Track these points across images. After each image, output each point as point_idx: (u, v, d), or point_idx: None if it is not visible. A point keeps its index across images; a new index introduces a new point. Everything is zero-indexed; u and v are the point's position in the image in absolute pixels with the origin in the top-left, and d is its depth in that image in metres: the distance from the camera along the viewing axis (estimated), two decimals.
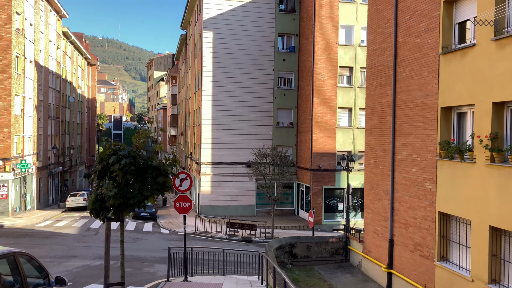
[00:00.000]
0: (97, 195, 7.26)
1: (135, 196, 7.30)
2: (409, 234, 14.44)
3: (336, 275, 17.34)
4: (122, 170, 7.11)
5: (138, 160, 7.34)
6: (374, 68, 17.06)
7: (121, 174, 7.16)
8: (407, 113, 14.63)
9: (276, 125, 35.63)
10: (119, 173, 7.15)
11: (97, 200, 7.22)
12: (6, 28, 30.91)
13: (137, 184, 7.44)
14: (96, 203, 7.22)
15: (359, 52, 32.93)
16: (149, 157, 7.67)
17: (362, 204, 33.80)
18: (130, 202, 7.31)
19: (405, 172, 14.75)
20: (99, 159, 7.46)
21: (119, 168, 7.09)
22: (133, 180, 7.47)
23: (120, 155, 7.21)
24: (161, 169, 7.51)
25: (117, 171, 7.11)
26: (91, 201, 7.33)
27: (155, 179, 7.45)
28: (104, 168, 7.34)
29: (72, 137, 52.59)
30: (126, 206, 7.40)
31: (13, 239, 23.29)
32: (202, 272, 18.03)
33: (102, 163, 7.34)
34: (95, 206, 7.24)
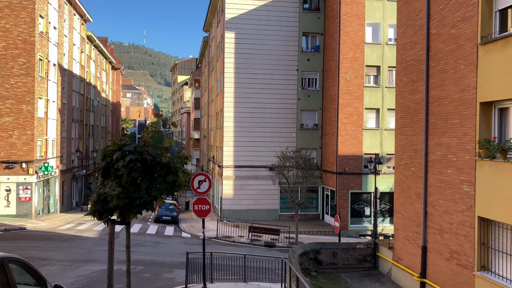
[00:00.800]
0: (99, 194, 6.57)
1: (142, 196, 6.57)
2: (444, 241, 13.31)
3: (364, 284, 16.28)
4: (127, 167, 6.40)
5: (146, 156, 6.61)
6: (405, 63, 16.01)
7: (126, 171, 6.44)
8: (442, 110, 13.54)
9: (300, 127, 34.69)
10: (123, 171, 6.45)
11: (99, 201, 6.53)
12: (30, 31, 31.04)
13: (145, 183, 6.71)
14: (98, 203, 6.52)
15: (386, 51, 31.74)
16: (158, 154, 6.95)
17: (390, 209, 32.48)
18: (136, 203, 6.59)
19: (439, 173, 13.64)
20: (102, 155, 6.78)
21: (123, 165, 6.38)
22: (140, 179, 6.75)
23: (126, 150, 6.50)
24: (170, 167, 6.77)
25: (121, 168, 6.41)
26: (93, 201, 6.64)
27: (164, 177, 6.70)
28: (108, 165, 6.66)
29: (96, 141, 52.86)
30: (132, 207, 6.68)
31: (33, 242, 23.07)
32: (222, 278, 17.27)
33: (105, 160, 6.66)
34: (97, 207, 6.54)
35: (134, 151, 6.54)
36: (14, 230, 26.31)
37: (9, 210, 31.00)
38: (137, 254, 21.91)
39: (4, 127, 30.83)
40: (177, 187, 6.90)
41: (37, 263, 18.09)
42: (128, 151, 6.50)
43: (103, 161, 6.75)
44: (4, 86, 30.74)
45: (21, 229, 26.93)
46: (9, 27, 30.75)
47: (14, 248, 21.16)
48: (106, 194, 6.47)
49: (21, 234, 25.25)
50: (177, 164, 6.84)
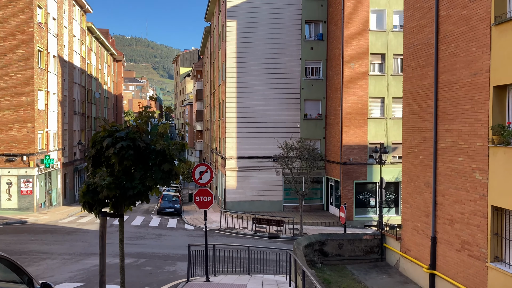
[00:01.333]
0: (88, 185, 6.09)
1: (135, 186, 6.09)
2: (455, 231, 12.83)
3: (371, 276, 15.85)
4: (118, 155, 5.91)
5: (139, 143, 6.11)
6: (412, 48, 15.43)
7: (117, 159, 5.96)
8: (452, 95, 12.99)
9: (303, 117, 34.14)
10: (114, 159, 5.97)
11: (89, 191, 6.05)
12: (28, 22, 30.51)
13: (138, 173, 6.23)
14: (88, 194, 6.05)
15: (391, 38, 31.06)
16: (153, 141, 6.46)
17: (396, 199, 32.02)
18: (129, 194, 6.11)
19: (449, 161, 13.13)
20: (91, 142, 6.30)
21: (114, 152, 5.89)
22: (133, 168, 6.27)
23: (116, 137, 6.02)
24: (166, 155, 6.28)
25: (112, 156, 5.94)
26: (81, 192, 6.18)
27: (159, 166, 6.21)
28: (99, 153, 6.18)
29: None
30: (124, 198, 6.21)
31: (34, 235, 22.76)
32: (226, 271, 16.87)
33: (95, 147, 6.18)
34: (87, 198, 6.07)
35: (126, 137, 6.05)
36: (15, 224, 26.01)
37: (10, 203, 30.70)
38: (140, 246, 21.58)
39: (4, 119, 30.44)
40: (173, 176, 6.42)
41: (37, 257, 17.79)
42: (120, 137, 6.01)
43: (92, 149, 6.27)
44: (3, 78, 30.29)
45: (23, 223, 26.63)
46: (6, 17, 30.23)
47: (15, 241, 20.86)
48: (96, 184, 5.99)
49: (22, 228, 24.95)
50: (173, 152, 6.35)
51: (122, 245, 6.79)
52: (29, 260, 17.22)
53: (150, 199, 6.57)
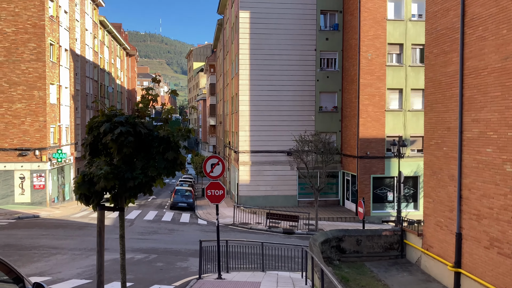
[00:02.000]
0: (84, 175, 5.50)
1: (136, 176, 5.47)
2: (482, 227, 12.02)
3: (391, 274, 15.12)
4: (116, 142, 5.30)
5: (140, 129, 5.50)
6: (435, 33, 14.57)
7: (116, 147, 5.36)
8: (480, 82, 12.14)
9: (318, 110, 33.33)
10: (113, 146, 5.37)
11: (84, 182, 5.46)
12: (40, 15, 30.23)
13: (140, 162, 5.62)
14: (83, 186, 5.46)
15: (409, 27, 30.02)
16: (156, 127, 5.85)
17: (415, 194, 31.10)
18: (129, 185, 5.50)
19: (476, 153, 12.31)
20: (88, 127, 5.72)
21: (112, 139, 5.28)
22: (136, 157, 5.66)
23: (115, 122, 5.42)
24: (170, 142, 5.67)
25: (110, 143, 5.34)
26: (76, 183, 5.60)
27: (163, 154, 5.60)
28: (96, 140, 5.60)
29: None
30: (124, 189, 5.62)
31: (46, 230, 22.49)
32: (239, 267, 16.29)
33: (92, 133, 5.59)
34: (82, 190, 5.48)
35: (126, 122, 5.44)
36: (27, 218, 25.81)
37: (23, 198, 30.60)
38: (152, 242, 21.14)
39: (17, 113, 30.27)
40: (179, 166, 5.79)
41: (47, 252, 17.45)
42: (118, 122, 5.41)
43: (89, 135, 5.69)
44: (15, 72, 30.10)
45: (35, 217, 26.42)
46: (18, 11, 29.99)
47: (26, 236, 20.59)
48: (92, 174, 5.41)
49: (34, 222, 24.72)
50: (178, 139, 5.73)
51: (123, 241, 6.21)
52: (39, 255, 16.89)
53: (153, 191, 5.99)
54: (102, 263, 5.82)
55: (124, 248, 6.20)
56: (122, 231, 6.12)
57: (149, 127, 5.76)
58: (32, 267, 14.58)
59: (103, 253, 5.82)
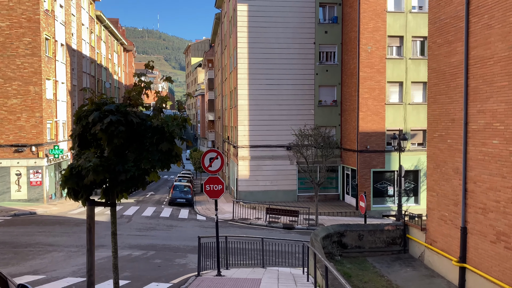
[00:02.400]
0: (71, 168, 5.13)
1: (128, 169, 5.09)
2: (489, 221, 11.71)
3: (394, 269, 14.83)
4: (106, 132, 4.93)
5: (132, 118, 5.13)
6: (439, 23, 14.20)
7: (106, 137, 4.98)
8: (485, 71, 11.79)
9: (318, 104, 32.96)
10: (102, 137, 5.00)
11: (72, 176, 5.08)
12: (34, 9, 29.74)
13: (132, 153, 5.25)
14: (71, 179, 5.08)
15: (410, 20, 29.61)
16: (150, 116, 5.48)
17: (415, 188, 30.81)
18: (121, 178, 5.13)
19: (482, 145, 11.97)
20: (76, 117, 5.36)
21: (101, 128, 4.91)
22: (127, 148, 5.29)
23: (105, 110, 5.05)
24: (165, 132, 5.30)
25: (99, 133, 4.97)
26: (63, 176, 5.22)
27: (157, 145, 5.23)
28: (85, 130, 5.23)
29: None
30: (115, 183, 5.27)
31: (42, 227, 22.16)
32: (239, 263, 15.98)
33: (80, 123, 5.22)
34: (70, 184, 5.11)
35: (116, 111, 5.07)
36: (24, 215, 25.48)
37: (20, 194, 30.24)
38: (150, 238, 20.83)
39: (12, 109, 29.85)
40: (174, 158, 5.41)
41: (42, 249, 17.12)
42: (108, 111, 5.04)
43: (77, 126, 5.33)
44: (10, 67, 29.65)
45: (31, 214, 26.10)
46: (12, 5, 29.50)
47: (22, 233, 20.26)
48: (81, 167, 5.05)
49: (31, 219, 24.39)
50: (173, 128, 5.37)
51: (115, 238, 5.85)
52: (34, 253, 16.56)
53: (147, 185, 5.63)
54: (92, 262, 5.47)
55: (116, 246, 5.84)
56: (114, 228, 5.76)
57: (142, 117, 5.39)
58: (26, 265, 14.25)
59: (94, 251, 5.46)
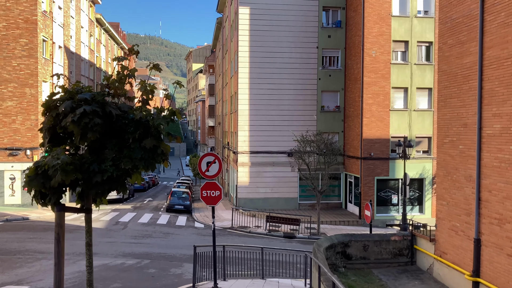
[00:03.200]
0: (37, 167, 4.33)
1: (105, 169, 4.32)
2: (505, 233, 10.91)
3: (401, 282, 13.99)
4: (78, 125, 4.15)
5: (110, 109, 4.36)
6: (450, 22, 13.49)
7: (78, 131, 4.21)
8: (502, 73, 11.05)
9: (320, 110, 32.23)
10: (74, 130, 4.23)
11: (37, 176, 4.28)
12: (32, 10, 29.16)
13: (111, 151, 4.47)
14: (36, 180, 4.28)
15: (415, 24, 28.96)
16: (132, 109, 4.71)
17: (420, 197, 29.98)
18: (96, 180, 4.35)
19: (498, 151, 11.20)
20: (45, 107, 4.58)
21: (73, 120, 4.15)
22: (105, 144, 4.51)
23: (78, 99, 4.29)
24: (149, 126, 4.53)
25: (70, 125, 4.19)
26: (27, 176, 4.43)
27: (140, 142, 4.46)
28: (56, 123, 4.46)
29: None
30: (90, 186, 4.50)
31: (34, 233, 21.35)
32: (237, 274, 15.18)
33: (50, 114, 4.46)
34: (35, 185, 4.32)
35: (92, 100, 4.32)
36: (16, 220, 24.67)
37: (14, 199, 29.45)
38: (145, 246, 20.01)
39: (7, 112, 29.16)
40: (159, 157, 4.61)
41: (31, 257, 16.31)
42: (82, 100, 4.28)
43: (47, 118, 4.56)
44: (6, 68, 29.00)
45: (24, 219, 25.29)
46: (9, 5, 28.91)
47: (12, 240, 19.45)
48: (47, 166, 4.27)
49: (22, 225, 23.58)
50: (159, 122, 4.59)
51: (90, 251, 5.05)
52: (23, 260, 15.76)
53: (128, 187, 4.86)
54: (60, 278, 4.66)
55: (91, 260, 5.04)
56: (89, 238, 4.97)
57: (123, 108, 4.61)
58: (11, 274, 13.44)
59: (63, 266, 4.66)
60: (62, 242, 4.60)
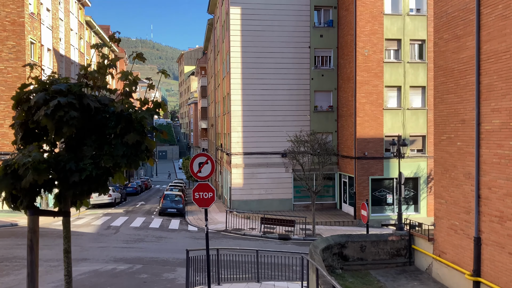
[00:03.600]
0: (6, 166, 3.89)
1: (83, 168, 3.93)
2: (507, 231, 10.63)
3: (400, 283, 13.68)
4: (52, 118, 3.76)
5: (88, 102, 3.97)
6: (446, 17, 13.23)
7: (52, 125, 3.80)
8: (501, 66, 10.79)
9: (313, 110, 31.95)
10: (47, 124, 3.82)
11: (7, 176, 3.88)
12: (19, 12, 28.61)
13: (89, 148, 4.08)
14: (5, 181, 3.83)
15: (408, 22, 28.79)
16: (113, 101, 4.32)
17: (415, 196, 29.75)
18: (73, 180, 3.95)
19: (498, 147, 10.93)
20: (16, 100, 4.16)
21: (46, 113, 3.75)
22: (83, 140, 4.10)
23: (53, 91, 3.90)
24: (132, 120, 4.14)
25: (43, 119, 3.79)
26: None
27: (122, 137, 4.08)
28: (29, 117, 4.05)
29: None
30: (66, 186, 4.11)
31: (22, 239, 20.78)
32: (231, 278, 14.79)
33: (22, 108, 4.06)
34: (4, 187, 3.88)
35: (68, 92, 3.93)
36: (4, 227, 24.09)
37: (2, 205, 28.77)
38: (137, 250, 19.55)
39: None
40: (143, 154, 4.23)
41: (19, 264, 15.82)
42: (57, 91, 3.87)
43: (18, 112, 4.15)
44: None
45: (12, 226, 24.72)
46: None
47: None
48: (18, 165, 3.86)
49: (11, 231, 23.02)
50: (143, 115, 4.21)
51: (69, 258, 4.62)
52: (10, 268, 15.28)
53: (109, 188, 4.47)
54: None
55: (70, 268, 4.61)
56: (67, 245, 4.55)
57: (104, 101, 4.22)
58: None
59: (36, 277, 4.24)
60: (35, 250, 4.19)
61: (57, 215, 4.44)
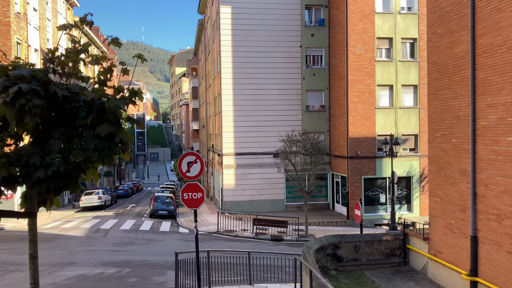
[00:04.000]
0: None
1: (50, 163, 3.54)
2: (504, 229, 10.36)
3: (395, 284, 13.37)
4: (12, 107, 3.37)
5: (55, 89, 3.58)
6: (439, 11, 12.97)
7: (12, 115, 3.40)
8: (496, 60, 10.54)
9: (305, 109, 31.66)
10: (7, 114, 3.42)
11: None
12: (4, 11, 28.00)
13: (57, 141, 3.68)
14: None
15: (399, 21, 28.61)
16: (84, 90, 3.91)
17: (408, 195, 29.55)
18: (38, 176, 3.56)
19: (494, 143, 10.67)
20: None
21: (5, 101, 3.34)
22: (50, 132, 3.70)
23: (14, 77, 3.50)
24: (104, 110, 3.75)
25: (2, 108, 3.39)
26: None
27: (94, 129, 3.69)
28: None
29: None
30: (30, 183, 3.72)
31: (8, 244, 20.25)
32: (223, 281, 14.40)
33: None
34: None
35: (31, 78, 3.54)
36: None
37: None
38: (126, 254, 19.09)
39: None
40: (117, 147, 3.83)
41: (3, 269, 15.30)
42: (19, 77, 3.48)
43: None
44: None
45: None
46: None
47: None
48: None
49: None
50: (116, 104, 3.81)
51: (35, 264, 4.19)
52: None
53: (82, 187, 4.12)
54: None
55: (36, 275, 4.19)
56: (33, 249, 4.14)
57: (74, 90, 3.81)
58: None
59: None
60: None
61: (21, 216, 4.05)
